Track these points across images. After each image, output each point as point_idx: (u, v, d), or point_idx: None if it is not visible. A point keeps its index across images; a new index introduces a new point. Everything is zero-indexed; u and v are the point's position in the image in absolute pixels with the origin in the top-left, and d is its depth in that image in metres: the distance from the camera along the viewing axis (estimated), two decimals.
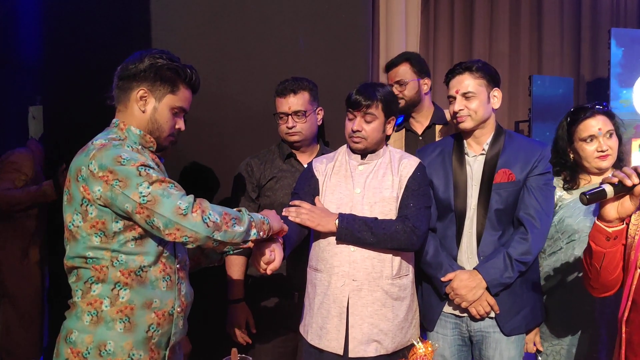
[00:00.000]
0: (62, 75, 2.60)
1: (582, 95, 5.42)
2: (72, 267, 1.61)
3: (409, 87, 2.64)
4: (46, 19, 2.66)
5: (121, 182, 1.49)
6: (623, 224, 1.58)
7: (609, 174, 1.87)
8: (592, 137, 2.11)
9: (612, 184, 1.52)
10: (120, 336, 1.56)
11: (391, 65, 2.71)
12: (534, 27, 5.39)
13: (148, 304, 1.60)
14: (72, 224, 1.58)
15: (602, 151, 2.10)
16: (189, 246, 1.56)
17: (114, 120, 1.69)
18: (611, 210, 1.55)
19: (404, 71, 2.66)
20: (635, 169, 1.53)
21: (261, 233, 1.65)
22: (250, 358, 1.57)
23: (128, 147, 1.57)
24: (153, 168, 1.54)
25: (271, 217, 1.75)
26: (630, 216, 1.65)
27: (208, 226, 1.50)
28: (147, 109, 1.66)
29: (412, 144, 2.66)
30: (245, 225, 1.58)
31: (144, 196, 1.49)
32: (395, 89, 2.63)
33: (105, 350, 1.55)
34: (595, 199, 1.54)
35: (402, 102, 2.64)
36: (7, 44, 3.35)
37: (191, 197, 1.54)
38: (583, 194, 1.53)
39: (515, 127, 5.19)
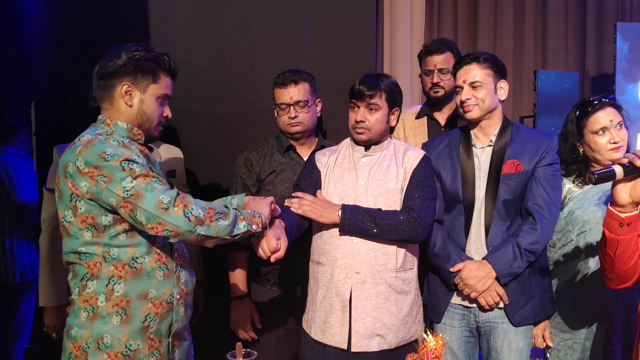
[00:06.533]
0: (57, 70, 2.59)
1: (588, 90, 5.38)
2: (67, 262, 1.65)
3: (453, 78, 2.59)
4: (44, 13, 2.64)
5: (106, 178, 1.52)
6: (637, 210, 1.56)
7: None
8: (604, 129, 2.09)
9: (622, 164, 1.50)
10: (116, 329, 1.60)
11: (435, 50, 2.62)
12: (538, 22, 5.35)
13: (144, 295, 1.62)
14: (65, 220, 1.61)
15: (614, 142, 2.09)
16: (171, 240, 1.59)
17: (99, 117, 1.71)
18: (623, 193, 1.53)
19: (448, 60, 2.60)
20: None
21: (254, 226, 1.66)
22: (255, 352, 1.57)
23: (114, 141, 1.59)
24: (137, 162, 1.56)
25: (255, 206, 1.78)
26: None
27: (190, 220, 1.53)
28: (134, 103, 1.68)
29: (435, 134, 2.61)
30: (230, 219, 1.60)
31: (127, 190, 1.52)
32: (437, 77, 2.60)
33: (103, 344, 1.59)
34: (604, 178, 1.52)
35: (440, 92, 2.61)
36: (8, 40, 3.35)
37: (174, 191, 1.57)
38: (592, 173, 1.52)
39: (520, 122, 5.15)
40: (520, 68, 5.32)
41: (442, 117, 2.68)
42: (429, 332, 1.43)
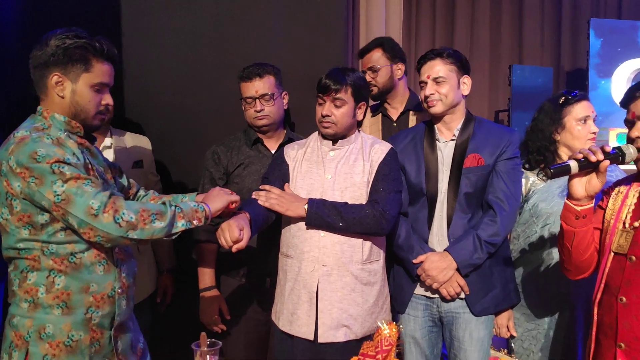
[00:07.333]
0: (27, 62, 2.57)
1: (562, 85, 5.44)
2: (7, 257, 1.62)
3: (381, 74, 2.61)
4: (15, 3, 2.62)
5: (37, 180, 1.49)
6: (592, 203, 1.61)
7: None
8: (587, 118, 2.18)
9: (577, 159, 1.55)
10: (58, 319, 1.58)
11: (364, 52, 2.67)
12: (515, 17, 5.40)
13: (85, 288, 1.60)
14: (2, 217, 1.58)
15: (593, 133, 2.18)
16: (105, 245, 1.57)
17: (38, 108, 1.65)
18: (579, 187, 1.58)
19: (377, 57, 2.63)
20: (602, 147, 1.56)
21: (195, 222, 1.64)
22: (220, 342, 1.57)
23: (48, 138, 1.54)
24: (69, 164, 1.52)
25: (211, 198, 1.75)
26: (604, 195, 1.70)
27: (120, 226, 1.51)
28: (65, 94, 1.61)
29: (387, 130, 2.65)
30: (167, 219, 1.57)
31: (58, 195, 1.49)
32: (368, 76, 2.61)
33: (45, 333, 1.57)
34: (560, 173, 1.57)
35: (374, 90, 2.62)
36: None
37: (105, 195, 1.52)
38: (548, 167, 1.57)
39: (495, 116, 5.20)
40: (497, 63, 5.37)
41: (394, 112, 2.70)
42: (383, 321, 1.46)
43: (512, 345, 2.24)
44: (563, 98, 2.23)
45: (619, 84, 4.98)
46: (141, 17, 2.64)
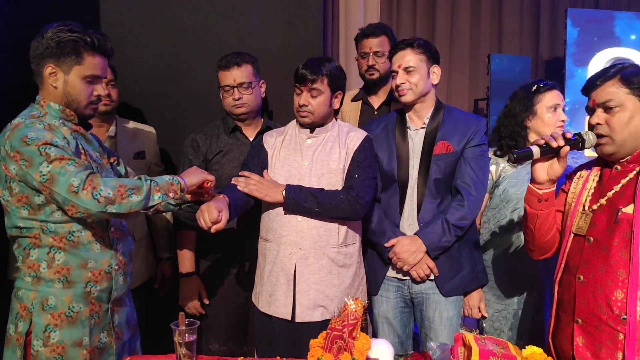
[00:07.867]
0: (8, 54, 2.57)
1: (540, 74, 5.49)
2: (11, 236, 1.72)
3: (387, 61, 2.66)
4: None
5: (27, 162, 1.58)
6: (553, 187, 1.68)
7: None
8: (557, 106, 2.26)
9: (539, 145, 1.61)
10: (60, 292, 1.68)
11: (370, 34, 2.70)
12: (494, 6, 5.44)
13: (83, 264, 1.70)
14: (3, 198, 1.69)
15: (562, 121, 2.26)
16: (88, 220, 1.65)
17: (37, 97, 1.74)
18: (541, 172, 1.65)
19: (384, 43, 2.67)
20: (563, 134, 1.62)
21: (171, 194, 1.71)
22: (198, 322, 1.63)
23: (40, 124, 1.62)
24: (56, 146, 1.59)
25: (188, 173, 1.82)
26: (567, 179, 1.77)
27: (99, 202, 1.57)
28: (58, 85, 1.70)
29: (367, 117, 2.70)
30: (143, 193, 1.64)
31: (43, 175, 1.57)
32: (372, 59, 2.66)
33: (48, 305, 1.67)
34: (522, 158, 1.63)
35: (375, 74, 2.68)
36: None
37: (85, 173, 1.59)
38: (511, 152, 1.62)
39: (474, 105, 5.26)
40: (477, 52, 5.40)
41: (377, 100, 2.76)
42: (349, 297, 1.53)
43: (484, 325, 2.32)
44: (535, 86, 2.30)
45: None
46: (119, 8, 2.65)
